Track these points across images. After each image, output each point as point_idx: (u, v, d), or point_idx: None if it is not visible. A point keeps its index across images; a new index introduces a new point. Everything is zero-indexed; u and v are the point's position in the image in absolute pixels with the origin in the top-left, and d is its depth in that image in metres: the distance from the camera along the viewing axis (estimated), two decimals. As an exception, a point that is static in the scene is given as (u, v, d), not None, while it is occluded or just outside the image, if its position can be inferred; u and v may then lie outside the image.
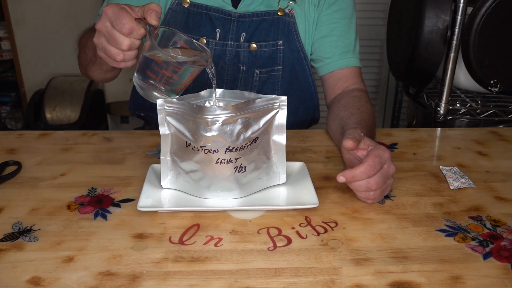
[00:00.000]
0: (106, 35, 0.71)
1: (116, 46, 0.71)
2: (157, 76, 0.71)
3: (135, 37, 0.70)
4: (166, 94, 0.73)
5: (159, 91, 0.73)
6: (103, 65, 0.89)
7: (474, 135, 1.01)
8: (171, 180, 0.75)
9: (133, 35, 0.70)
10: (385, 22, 1.88)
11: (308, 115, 1.13)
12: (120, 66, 0.75)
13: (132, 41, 0.70)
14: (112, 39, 0.70)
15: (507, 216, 0.71)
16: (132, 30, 0.69)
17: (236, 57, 1.04)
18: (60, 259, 0.60)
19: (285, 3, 1.03)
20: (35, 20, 2.37)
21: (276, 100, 0.72)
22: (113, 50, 0.71)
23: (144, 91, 0.73)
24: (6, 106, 2.59)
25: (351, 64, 1.05)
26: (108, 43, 0.72)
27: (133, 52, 0.72)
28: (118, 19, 0.69)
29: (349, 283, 0.57)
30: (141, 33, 0.70)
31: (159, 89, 0.72)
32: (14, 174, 0.81)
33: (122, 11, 0.69)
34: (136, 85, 0.74)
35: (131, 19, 0.69)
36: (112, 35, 0.70)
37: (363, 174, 0.68)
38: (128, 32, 0.69)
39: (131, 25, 0.68)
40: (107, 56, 0.74)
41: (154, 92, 0.73)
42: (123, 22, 0.68)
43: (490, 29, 1.29)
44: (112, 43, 0.71)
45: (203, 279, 0.57)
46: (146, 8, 0.70)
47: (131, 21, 0.69)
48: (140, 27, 0.69)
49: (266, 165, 0.75)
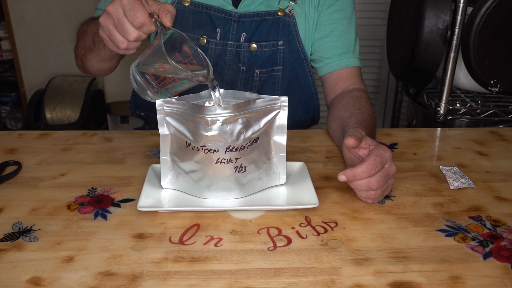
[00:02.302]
0: (115, 21, 0.70)
1: (123, 35, 0.70)
2: (156, 79, 0.71)
3: (144, 31, 0.70)
4: (159, 96, 0.74)
5: (153, 92, 0.73)
6: (100, 50, 0.88)
7: (474, 135, 1.01)
8: (171, 180, 0.75)
9: (143, 30, 0.69)
10: (385, 22, 1.88)
11: (308, 116, 1.13)
12: (119, 52, 0.74)
13: (140, 34, 0.70)
14: (120, 27, 0.69)
15: (507, 216, 0.71)
16: (143, 25, 0.68)
17: (236, 57, 1.04)
18: (60, 259, 0.60)
19: (286, 3, 1.03)
20: (35, 20, 2.37)
21: (277, 101, 0.72)
22: (119, 37, 0.71)
23: (138, 86, 0.74)
24: (6, 106, 2.59)
25: (351, 64, 1.05)
26: (114, 29, 0.71)
27: (138, 43, 0.72)
28: (133, 10, 0.68)
29: (349, 283, 0.57)
30: (151, 29, 0.69)
31: (154, 90, 0.73)
32: (14, 174, 0.81)
33: (138, 2, 0.68)
34: (131, 76, 0.74)
35: (145, 13, 0.68)
36: (122, 23, 0.69)
37: (364, 173, 0.68)
38: (139, 25, 0.68)
39: (144, 20, 0.68)
40: (108, 39, 0.73)
41: (149, 91, 0.74)
42: (136, 15, 0.68)
43: (490, 29, 1.29)
44: (120, 30, 0.70)
45: (203, 279, 0.57)
46: (162, 8, 0.69)
47: (145, 15, 0.68)
48: (152, 23, 0.69)
49: (266, 165, 0.75)
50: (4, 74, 2.54)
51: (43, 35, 2.39)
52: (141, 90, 0.74)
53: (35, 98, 2.32)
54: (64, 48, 2.39)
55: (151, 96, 0.74)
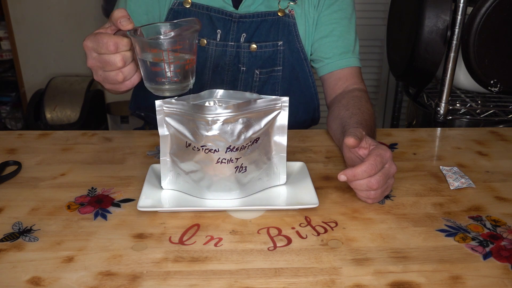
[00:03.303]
0: (100, 65, 0.72)
1: (112, 68, 0.71)
2: (161, 67, 0.70)
3: (123, 49, 0.70)
4: (180, 78, 0.72)
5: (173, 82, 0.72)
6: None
7: (474, 135, 1.01)
8: (171, 181, 0.75)
9: (120, 48, 0.70)
10: (385, 22, 1.88)
11: (308, 116, 1.13)
12: (127, 87, 0.75)
13: (122, 54, 0.70)
14: (105, 64, 0.71)
15: (507, 216, 0.71)
16: (116, 44, 0.69)
17: (236, 57, 1.04)
18: (60, 259, 0.60)
19: (285, 4, 1.03)
20: (35, 20, 2.37)
21: (278, 101, 0.72)
22: (112, 73, 0.72)
23: (161, 92, 0.73)
24: (6, 106, 2.59)
25: (351, 64, 1.05)
26: (105, 72, 0.72)
27: (130, 66, 0.72)
28: (99, 43, 0.69)
29: (349, 283, 0.57)
30: (126, 42, 0.70)
31: (172, 79, 0.72)
32: (14, 174, 0.81)
33: (99, 34, 0.70)
34: (151, 91, 0.74)
35: (110, 35, 0.70)
36: (103, 60, 0.71)
37: (364, 173, 0.68)
38: (114, 47, 0.69)
39: (113, 40, 0.69)
40: (113, 85, 0.75)
41: (168, 86, 0.72)
42: (104, 42, 0.69)
43: (490, 29, 1.29)
44: (107, 67, 0.71)
45: (203, 279, 0.57)
46: (114, 19, 0.70)
47: (111, 36, 0.69)
48: (122, 37, 0.70)
49: (266, 165, 0.75)
50: (4, 74, 2.54)
51: (43, 35, 2.39)
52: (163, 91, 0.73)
53: (35, 98, 2.32)
54: (64, 48, 2.39)
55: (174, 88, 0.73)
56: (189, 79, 0.73)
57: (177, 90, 0.74)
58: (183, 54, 0.71)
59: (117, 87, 0.76)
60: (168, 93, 0.73)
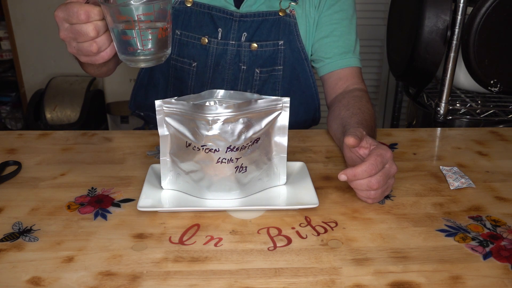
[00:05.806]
0: (72, 36, 0.68)
1: (85, 38, 0.68)
2: (132, 35, 0.67)
3: (95, 18, 0.67)
4: (154, 48, 0.68)
5: (146, 52, 0.68)
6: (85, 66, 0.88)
7: (474, 135, 1.01)
8: (171, 181, 0.75)
9: (92, 17, 0.66)
10: (385, 22, 1.88)
11: (308, 116, 1.13)
12: (103, 58, 0.71)
13: (94, 24, 0.67)
14: (78, 34, 0.67)
15: (507, 216, 0.71)
16: (88, 13, 0.66)
17: (237, 56, 1.04)
18: (60, 259, 0.60)
19: (286, 4, 1.03)
20: (35, 20, 2.37)
21: (279, 102, 0.71)
22: (85, 44, 0.68)
23: (134, 63, 0.70)
24: (6, 106, 2.59)
25: (351, 64, 1.05)
26: (78, 43, 0.69)
27: (104, 36, 0.69)
28: (70, 13, 0.66)
29: (349, 283, 0.57)
30: (97, 11, 0.67)
31: (144, 48, 0.68)
32: (14, 174, 0.81)
33: (69, 4, 0.67)
34: (126, 62, 0.71)
35: (81, 4, 0.66)
36: (75, 31, 0.67)
37: (364, 172, 0.68)
38: (85, 17, 0.66)
39: (84, 9, 0.66)
40: (88, 57, 0.71)
41: (142, 56, 0.69)
42: (75, 12, 0.66)
43: (490, 29, 1.29)
44: (80, 38, 0.68)
45: (203, 279, 0.57)
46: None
47: (82, 5, 0.66)
48: (93, 6, 0.66)
49: (267, 166, 0.75)
50: (4, 74, 2.54)
51: (43, 35, 2.39)
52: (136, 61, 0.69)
53: (35, 98, 2.32)
54: (64, 48, 2.34)
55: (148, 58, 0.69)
56: (164, 49, 0.70)
57: (152, 60, 0.70)
58: (156, 22, 0.67)
59: (92, 59, 0.71)
60: (143, 63, 0.69)
